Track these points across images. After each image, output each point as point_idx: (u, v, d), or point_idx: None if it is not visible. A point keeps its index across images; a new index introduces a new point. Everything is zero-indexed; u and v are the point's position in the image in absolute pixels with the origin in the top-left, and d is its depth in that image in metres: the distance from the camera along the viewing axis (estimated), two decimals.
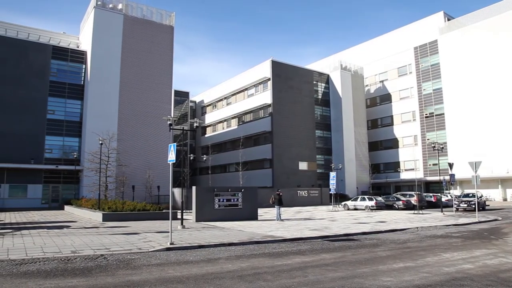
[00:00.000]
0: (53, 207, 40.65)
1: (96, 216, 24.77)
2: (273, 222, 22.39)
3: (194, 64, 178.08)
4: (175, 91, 62.87)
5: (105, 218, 23.26)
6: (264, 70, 55.27)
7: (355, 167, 59.16)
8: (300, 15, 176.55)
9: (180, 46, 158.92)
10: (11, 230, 17.41)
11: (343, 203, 39.47)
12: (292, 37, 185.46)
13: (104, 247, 12.32)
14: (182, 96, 68.36)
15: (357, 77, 62.83)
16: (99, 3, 45.67)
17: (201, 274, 8.69)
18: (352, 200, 38.67)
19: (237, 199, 24.15)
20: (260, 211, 27.00)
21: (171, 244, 12.78)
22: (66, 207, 37.17)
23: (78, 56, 46.73)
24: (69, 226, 19.84)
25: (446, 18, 57.17)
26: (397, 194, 40.45)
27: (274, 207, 24.82)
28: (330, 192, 37.13)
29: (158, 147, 45.23)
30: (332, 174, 36.18)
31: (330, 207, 38.18)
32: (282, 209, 25.13)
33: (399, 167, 60.27)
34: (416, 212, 30.65)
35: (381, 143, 63.50)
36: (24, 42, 44.03)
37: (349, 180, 57.42)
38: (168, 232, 13.60)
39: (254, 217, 24.31)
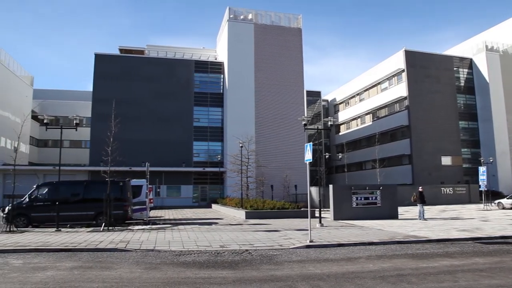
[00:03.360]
0: (202, 206, 44.84)
1: (240, 214, 26.56)
2: (415, 221, 21.12)
3: (324, 63, 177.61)
4: (307, 91, 63.66)
5: (248, 216, 24.79)
6: (397, 61, 52.32)
7: (510, 161, 51.92)
8: None
9: (309, 47, 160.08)
10: (170, 225, 19.80)
11: (496, 201, 34.99)
12: (424, 23, 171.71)
13: (248, 243, 13.19)
14: (314, 96, 68.89)
15: (507, 57, 54.94)
16: (231, 16, 49.22)
17: (341, 272, 8.73)
18: (508, 198, 34.07)
19: (376, 197, 23.41)
20: (400, 209, 25.68)
21: (310, 241, 13.06)
22: (213, 205, 40.66)
23: (216, 67, 51.07)
24: (217, 223, 21.68)
25: None
26: None
27: (416, 205, 23.40)
28: (480, 189, 33.39)
29: (294, 147, 46.40)
30: (482, 169, 32.48)
31: (481, 205, 34.26)
32: (425, 207, 23.50)
33: None
34: None
35: None
36: (172, 60, 50.27)
37: (503, 175, 50.66)
38: (307, 230, 13.91)
39: (394, 215, 23.25)
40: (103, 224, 17.47)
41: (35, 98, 61.67)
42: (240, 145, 33.61)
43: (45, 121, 20.85)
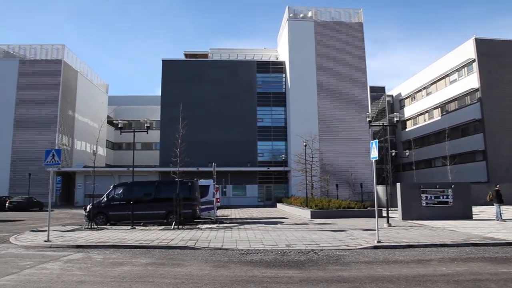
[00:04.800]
0: (267, 205, 45.22)
1: (305, 213, 26.48)
2: (492, 222, 19.75)
3: (387, 57, 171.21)
4: (371, 87, 61.66)
5: (313, 215, 24.66)
6: (467, 51, 48.85)
7: None
8: None
9: (371, 41, 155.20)
10: (236, 224, 20.25)
11: None
12: (490, 8, 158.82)
13: (314, 243, 13.13)
14: (378, 92, 66.62)
15: None
16: (291, 15, 49.21)
17: (411, 275, 8.42)
18: None
19: (447, 196, 22.20)
20: (475, 209, 24.15)
21: (378, 242, 12.74)
22: (278, 204, 40.88)
23: (278, 67, 51.29)
24: (282, 222, 21.79)
25: None
26: None
27: (492, 205, 21.84)
28: None
29: (358, 145, 45.30)
30: None
31: None
32: (503, 207, 21.85)
33: None
34: None
35: None
36: (234, 62, 51.40)
37: None
38: (374, 230, 13.58)
39: (467, 216, 21.87)
40: (174, 222, 18.28)
41: (110, 104, 66.10)
42: (304, 144, 33.48)
43: (119, 126, 22.19)
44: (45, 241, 13.73)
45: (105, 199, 20.76)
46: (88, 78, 58.61)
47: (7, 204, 36.59)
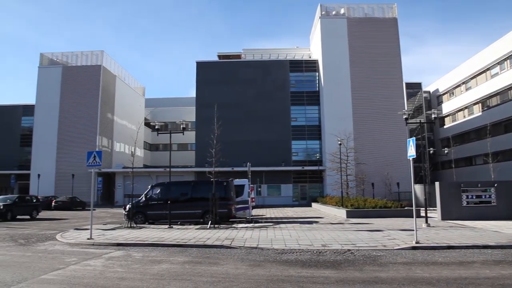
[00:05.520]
0: (302, 204, 45.00)
1: (340, 213, 26.20)
2: None
3: (423, 52, 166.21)
4: (406, 83, 60.12)
5: (349, 215, 24.37)
6: (509, 42, 46.64)
7: None
8: None
9: (406, 36, 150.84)
10: (271, 224, 20.29)
11: None
12: None
13: (350, 243, 12.99)
14: (414, 88, 64.72)
15: None
16: (323, 13, 48.74)
17: (452, 277, 8.17)
18: None
19: (489, 195, 21.36)
20: None
21: (416, 242, 12.45)
22: (313, 204, 40.61)
23: (311, 65, 50.93)
24: (317, 222, 21.65)
25: None
26: None
27: None
28: None
29: (395, 143, 44.33)
30: None
31: None
32: None
33: None
34: None
35: None
36: (267, 62, 51.54)
37: None
38: (412, 230, 13.28)
39: None
40: (210, 222, 18.55)
41: (147, 107, 67.86)
42: (339, 142, 33.12)
43: (156, 127, 22.84)
44: (88, 239, 14.31)
45: (144, 198, 21.33)
46: (125, 82, 60.40)
47: (53, 204, 38.57)
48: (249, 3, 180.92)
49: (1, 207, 24.42)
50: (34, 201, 28.23)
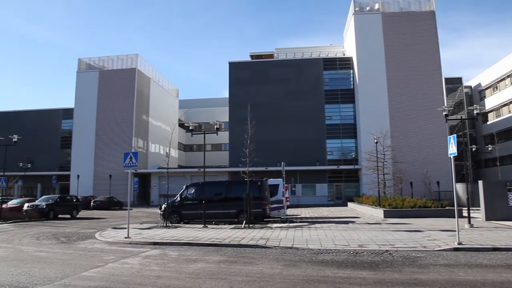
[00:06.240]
0: (337, 204, 44.37)
1: (377, 213, 25.60)
2: None
3: (463, 45, 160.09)
4: (446, 78, 58.03)
5: (386, 215, 23.77)
6: None
7: None
8: None
9: (444, 30, 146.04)
10: (306, 224, 20.05)
11: None
12: None
13: (388, 243, 12.61)
14: (454, 83, 62.35)
15: None
16: (357, 9, 47.85)
17: (499, 281, 7.70)
18: None
19: None
20: None
21: (458, 244, 11.93)
22: (349, 203, 39.95)
23: (345, 63, 50.16)
24: (354, 222, 21.23)
25: None
26: None
27: None
28: None
29: (434, 141, 42.95)
30: None
31: None
32: None
33: None
34: None
35: None
36: (300, 60, 51.12)
37: None
38: (454, 231, 12.75)
39: None
40: (244, 221, 18.55)
41: (180, 108, 68.98)
42: (375, 141, 32.40)
43: (190, 128, 23.02)
44: (125, 237, 14.62)
45: (179, 198, 21.60)
46: (159, 84, 61.64)
47: (91, 203, 39.90)
48: (281, 2, 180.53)
49: (44, 207, 25.54)
50: (74, 201, 29.34)
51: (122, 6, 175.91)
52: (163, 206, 20.69)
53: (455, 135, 13.25)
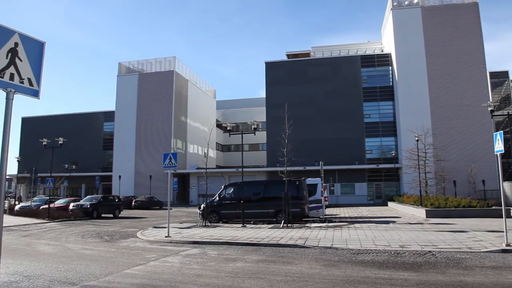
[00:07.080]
0: (377, 203, 43.51)
1: (419, 212, 24.90)
2: None
3: (509, 37, 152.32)
4: (491, 72, 55.46)
5: (428, 215, 23.08)
6: None
7: None
8: None
9: (488, 22, 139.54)
10: (346, 223, 19.80)
11: None
12: None
13: (431, 244, 12.26)
14: (500, 77, 59.43)
15: None
16: (395, 4, 46.56)
17: None
18: None
19: None
20: None
21: (507, 245, 11.41)
22: (389, 203, 39.04)
23: (383, 59, 49.00)
24: (394, 222, 20.75)
25: None
26: None
27: None
28: None
29: (479, 138, 41.19)
30: None
31: None
32: None
33: None
34: None
35: None
36: (337, 58, 50.55)
37: None
38: (502, 231, 12.20)
39: None
40: (283, 221, 18.55)
41: (218, 109, 69.86)
42: (416, 138, 31.47)
43: (228, 128, 23.34)
44: (165, 236, 15.00)
45: (217, 198, 21.89)
46: (197, 86, 62.68)
47: (133, 203, 41.24)
48: (316, 0, 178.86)
49: (88, 206, 26.67)
50: (116, 200, 30.44)
51: (161, 11, 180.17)
52: (202, 205, 21.03)
53: (502, 131, 12.70)
